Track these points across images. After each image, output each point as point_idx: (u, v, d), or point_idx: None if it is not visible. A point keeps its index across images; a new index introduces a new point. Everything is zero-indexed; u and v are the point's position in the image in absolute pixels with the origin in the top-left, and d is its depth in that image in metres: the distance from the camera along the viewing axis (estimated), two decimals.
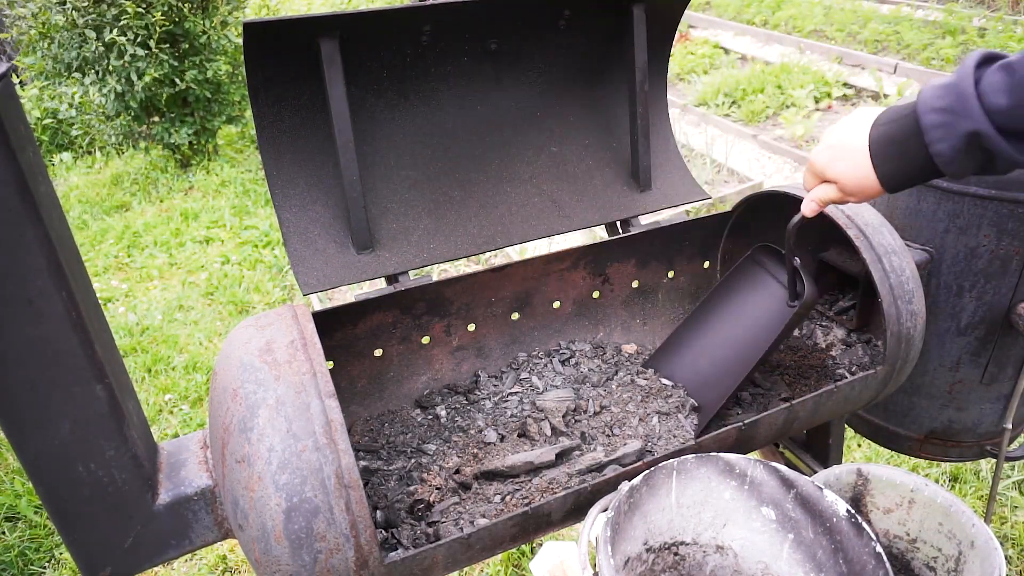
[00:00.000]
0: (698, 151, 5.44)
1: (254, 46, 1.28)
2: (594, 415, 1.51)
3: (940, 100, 0.85)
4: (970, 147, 0.83)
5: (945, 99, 0.84)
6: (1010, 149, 0.80)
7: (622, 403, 1.54)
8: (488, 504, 1.27)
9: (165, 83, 5.09)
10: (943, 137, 0.84)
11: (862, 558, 1.06)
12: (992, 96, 0.79)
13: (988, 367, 1.76)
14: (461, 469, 1.37)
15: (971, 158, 0.84)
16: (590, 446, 1.43)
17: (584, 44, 1.67)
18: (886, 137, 0.94)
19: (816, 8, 8.99)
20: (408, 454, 1.45)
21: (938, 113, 0.85)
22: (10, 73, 0.80)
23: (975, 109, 0.80)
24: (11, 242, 0.79)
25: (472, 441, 1.46)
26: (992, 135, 0.80)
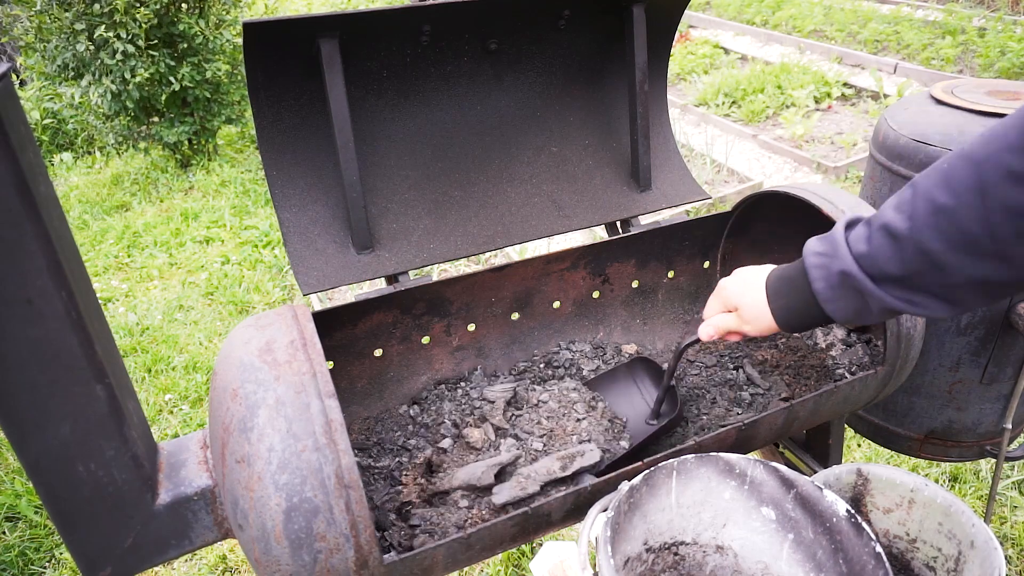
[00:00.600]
0: (698, 151, 5.44)
1: (254, 46, 1.28)
2: (533, 407, 1.52)
3: (819, 245, 0.99)
4: (843, 286, 0.95)
5: (823, 245, 0.98)
6: (875, 289, 0.91)
7: (563, 401, 1.55)
8: (459, 510, 1.29)
9: (161, 83, 5.08)
10: (821, 276, 0.97)
11: (862, 558, 1.06)
12: (855, 244, 0.93)
13: (988, 367, 1.76)
14: (429, 473, 1.39)
15: (846, 297, 0.96)
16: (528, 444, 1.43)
17: (584, 44, 1.67)
18: (780, 276, 1.07)
19: (816, 8, 8.99)
20: (394, 452, 1.46)
21: (817, 256, 0.99)
22: (10, 73, 0.80)
23: (845, 253, 0.94)
24: (11, 242, 0.79)
25: (432, 441, 1.47)
26: (858, 274, 0.92)
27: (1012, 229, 0.78)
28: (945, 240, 0.83)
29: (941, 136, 1.64)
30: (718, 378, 1.69)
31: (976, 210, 0.80)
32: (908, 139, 1.70)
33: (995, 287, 0.85)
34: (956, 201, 0.81)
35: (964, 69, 6.70)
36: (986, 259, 0.82)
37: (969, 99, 1.71)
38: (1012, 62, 6.24)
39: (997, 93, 1.76)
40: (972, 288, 0.86)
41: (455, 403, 1.57)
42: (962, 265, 0.84)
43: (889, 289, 0.91)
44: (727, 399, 1.62)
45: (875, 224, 0.91)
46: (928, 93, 1.83)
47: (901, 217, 0.87)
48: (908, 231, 0.86)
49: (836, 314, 0.98)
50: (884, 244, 0.89)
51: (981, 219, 0.80)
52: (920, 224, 0.85)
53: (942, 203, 0.83)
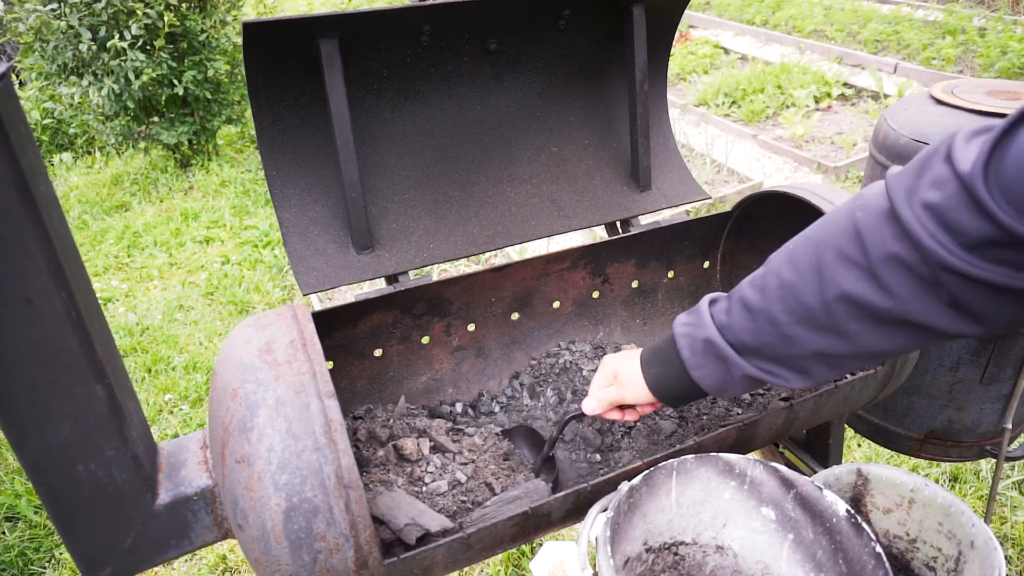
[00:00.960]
0: (698, 151, 5.44)
1: (254, 46, 1.28)
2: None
3: (687, 317, 1.06)
4: (707, 353, 1.01)
5: (690, 316, 1.05)
6: (736, 357, 0.98)
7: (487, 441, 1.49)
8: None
9: (164, 84, 5.08)
10: (687, 344, 1.03)
11: (862, 558, 1.06)
12: (717, 315, 1.01)
13: (988, 367, 1.76)
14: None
15: (710, 364, 1.01)
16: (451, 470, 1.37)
17: (584, 44, 1.67)
18: (654, 347, 1.13)
19: (816, 8, 8.99)
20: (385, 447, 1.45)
21: (684, 326, 1.05)
22: (10, 73, 0.80)
23: (708, 323, 1.01)
24: (11, 242, 0.79)
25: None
26: (720, 342, 0.99)
27: (843, 307, 0.85)
28: (790, 313, 0.90)
29: (941, 136, 1.63)
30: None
31: (813, 287, 0.87)
32: (908, 139, 1.70)
33: (837, 359, 0.92)
34: (798, 278, 0.89)
35: (964, 69, 6.70)
36: (824, 333, 0.89)
37: (969, 99, 1.71)
38: (1012, 62, 6.24)
39: (997, 93, 1.76)
40: (817, 360, 0.93)
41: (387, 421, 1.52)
42: (805, 337, 0.90)
43: (748, 359, 0.97)
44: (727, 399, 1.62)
45: (734, 298, 0.98)
46: (928, 93, 1.83)
47: (754, 291, 0.95)
48: (760, 303, 0.93)
49: (702, 381, 1.03)
50: (741, 315, 0.96)
51: (817, 295, 0.87)
52: (769, 297, 0.92)
53: (787, 279, 0.90)
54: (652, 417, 1.59)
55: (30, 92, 6.33)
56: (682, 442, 1.47)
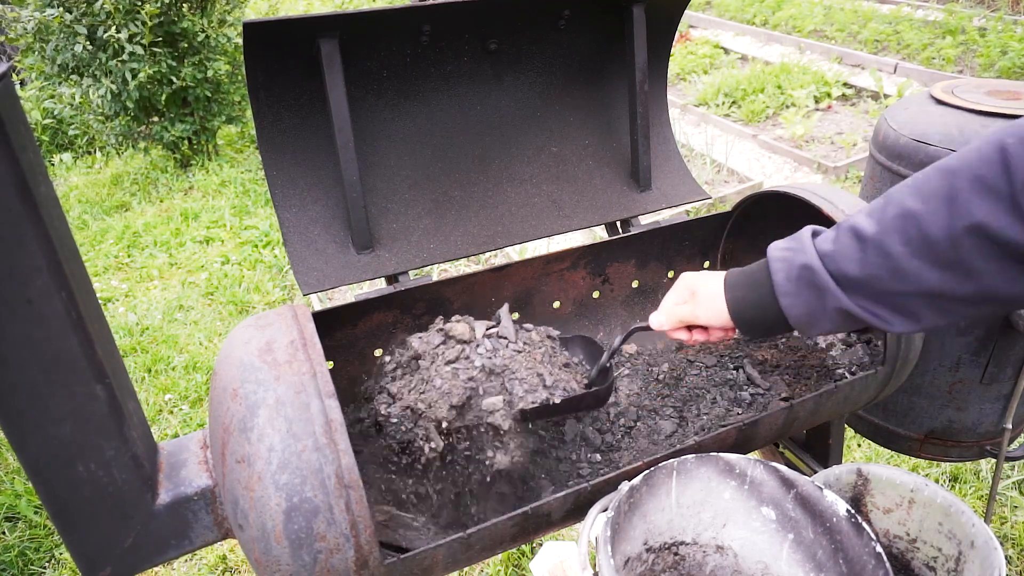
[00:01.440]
0: (698, 151, 5.44)
1: (254, 46, 1.28)
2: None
3: (785, 243, 1.01)
4: (802, 280, 0.96)
5: (789, 243, 1.00)
6: (834, 287, 0.92)
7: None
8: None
9: (163, 82, 5.08)
10: (782, 268, 0.98)
11: (862, 558, 1.06)
12: (821, 243, 0.95)
13: (988, 367, 1.76)
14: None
15: (803, 292, 0.96)
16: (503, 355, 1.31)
17: (584, 44, 1.67)
18: (742, 270, 1.08)
19: (816, 8, 8.99)
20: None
21: (781, 251, 1.00)
22: (10, 73, 0.80)
23: (810, 249, 0.95)
24: (11, 242, 0.79)
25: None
26: (819, 269, 0.93)
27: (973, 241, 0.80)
28: (908, 244, 0.85)
29: (941, 136, 1.64)
30: (718, 378, 1.69)
31: (942, 217, 0.82)
32: (908, 139, 1.70)
33: (949, 302, 0.86)
34: (924, 207, 0.83)
35: (964, 69, 6.70)
36: (944, 269, 0.83)
37: (969, 99, 1.71)
38: (1013, 62, 6.24)
39: (997, 93, 1.76)
40: (926, 301, 0.87)
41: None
42: (921, 272, 0.85)
43: (848, 292, 0.92)
44: (727, 399, 1.62)
45: (843, 227, 0.93)
46: (928, 93, 1.83)
47: (870, 221, 0.89)
48: (874, 233, 0.88)
49: (790, 310, 0.98)
50: (848, 245, 0.91)
51: (945, 227, 0.82)
52: (886, 227, 0.87)
53: (910, 208, 0.85)
54: (652, 417, 1.59)
55: (30, 92, 6.33)
56: (682, 442, 1.47)
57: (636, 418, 1.59)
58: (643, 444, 1.52)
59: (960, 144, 1.60)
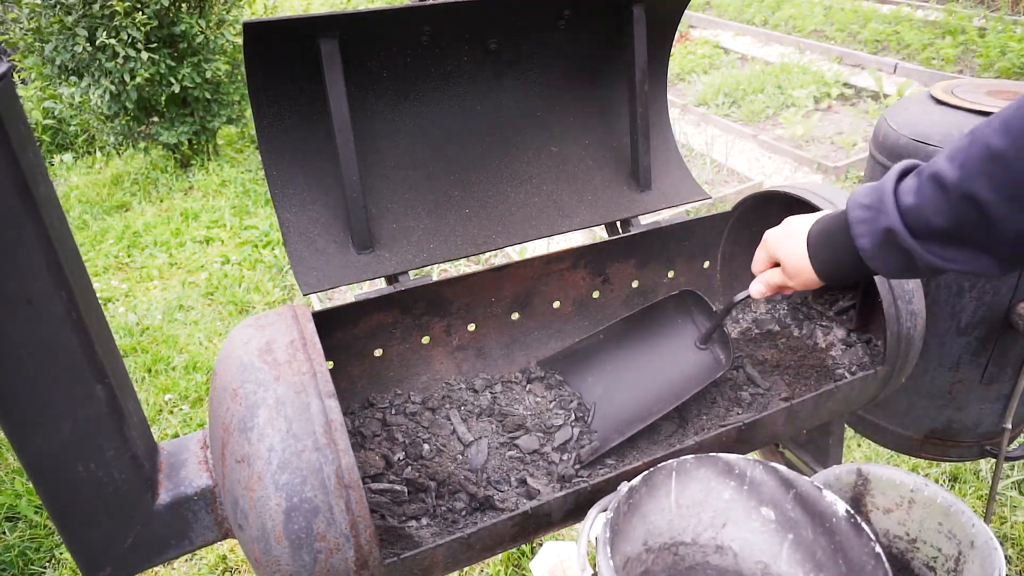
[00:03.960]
0: (698, 151, 5.44)
1: (254, 46, 1.28)
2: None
3: (866, 198, 0.92)
4: (887, 244, 0.89)
5: (870, 197, 0.91)
6: (919, 248, 0.86)
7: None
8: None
9: (161, 83, 5.08)
10: (865, 232, 0.91)
11: (861, 558, 1.06)
12: (904, 196, 0.86)
13: (988, 367, 1.76)
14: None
15: (890, 255, 0.90)
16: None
17: (584, 44, 1.67)
18: (822, 229, 1.02)
19: (816, 8, 8.98)
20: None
21: (863, 209, 0.92)
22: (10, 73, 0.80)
23: (891, 208, 0.87)
24: (11, 242, 0.79)
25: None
26: (903, 232, 0.86)
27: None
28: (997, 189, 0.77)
29: (941, 136, 1.64)
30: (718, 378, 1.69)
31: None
32: (908, 139, 1.70)
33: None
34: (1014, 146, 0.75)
35: (964, 69, 6.70)
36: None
37: (969, 99, 1.71)
38: (1012, 62, 6.24)
39: (997, 93, 1.76)
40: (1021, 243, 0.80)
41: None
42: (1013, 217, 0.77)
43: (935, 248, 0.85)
44: (727, 399, 1.62)
45: (925, 173, 0.84)
46: (928, 93, 1.83)
47: (952, 166, 0.81)
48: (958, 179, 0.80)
49: (881, 269, 0.93)
50: (933, 195, 0.83)
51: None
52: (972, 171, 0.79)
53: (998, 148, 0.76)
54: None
55: (31, 92, 6.33)
56: (682, 442, 1.47)
57: None
58: (643, 444, 1.52)
59: None
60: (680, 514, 1.21)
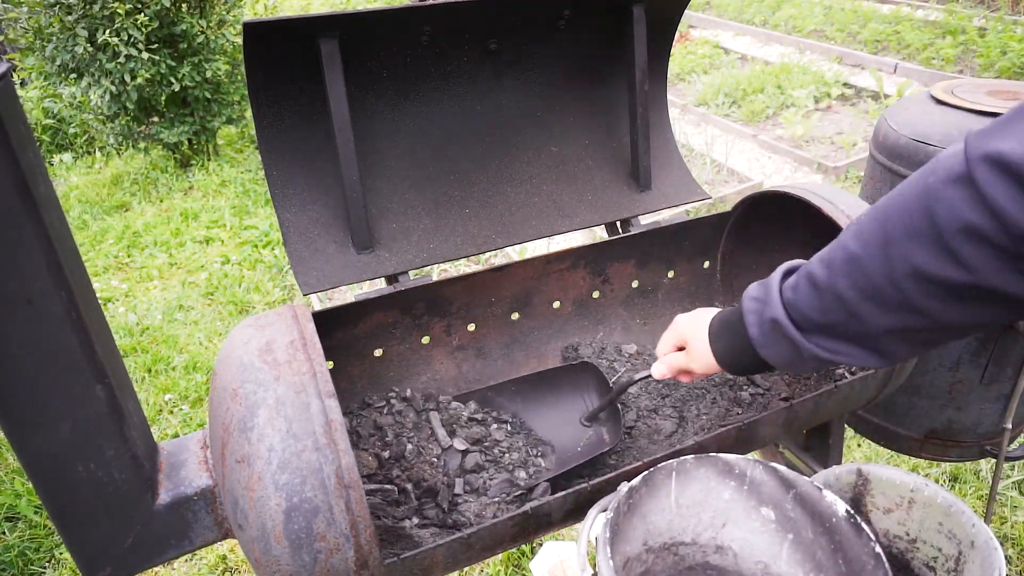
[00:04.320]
0: (698, 151, 5.44)
1: (254, 46, 1.29)
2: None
3: (756, 291, 1.00)
4: (774, 333, 0.96)
5: (759, 290, 0.99)
6: (802, 339, 0.92)
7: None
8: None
9: (161, 83, 5.08)
10: (754, 322, 0.99)
11: (861, 558, 1.06)
12: (787, 291, 0.94)
13: (988, 367, 1.76)
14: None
15: (777, 344, 0.97)
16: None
17: (584, 44, 1.67)
18: (723, 318, 1.10)
19: (816, 8, 8.99)
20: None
21: (752, 301, 1.00)
22: (10, 73, 0.80)
23: (776, 300, 0.95)
24: (11, 242, 0.79)
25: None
26: (786, 323, 0.93)
27: (915, 284, 0.79)
28: (857, 289, 0.84)
29: (941, 136, 1.64)
30: (718, 378, 1.69)
31: (881, 263, 0.81)
32: (908, 139, 1.70)
33: (916, 335, 0.85)
34: (864, 252, 0.83)
35: (964, 69, 6.70)
36: (896, 310, 0.83)
37: (969, 99, 1.71)
38: (1012, 62, 6.24)
39: (997, 93, 1.76)
40: (892, 338, 0.86)
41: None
42: (873, 315, 0.84)
43: (815, 338, 0.92)
44: (727, 399, 1.62)
45: (802, 272, 0.93)
46: (928, 93, 1.83)
47: (821, 266, 0.89)
48: (826, 279, 0.88)
49: (771, 359, 0.99)
50: (807, 292, 0.91)
51: (887, 273, 0.81)
52: (836, 273, 0.87)
53: (853, 253, 0.84)
54: (652, 417, 1.59)
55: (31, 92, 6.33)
56: (682, 442, 1.47)
57: (636, 418, 1.59)
58: (642, 444, 1.52)
59: None
60: (680, 514, 1.21)
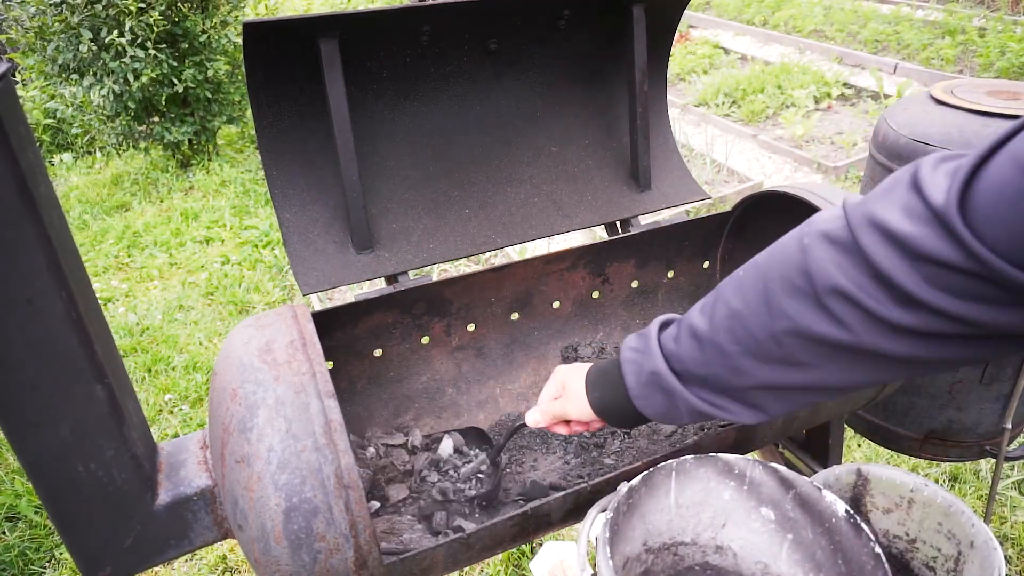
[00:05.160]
0: (698, 151, 5.44)
1: (254, 46, 1.29)
2: None
3: (635, 342, 1.01)
4: (652, 384, 0.96)
5: (638, 342, 1.00)
6: (682, 389, 0.93)
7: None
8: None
9: (164, 83, 5.08)
10: (633, 371, 0.99)
11: (861, 558, 1.06)
12: (666, 343, 0.96)
13: (988, 367, 1.76)
14: None
15: (654, 395, 0.97)
16: None
17: (584, 44, 1.67)
18: (601, 368, 1.09)
19: (816, 8, 8.99)
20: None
21: (632, 351, 1.00)
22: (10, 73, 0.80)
23: (656, 351, 0.96)
24: (11, 242, 0.79)
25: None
26: (666, 373, 0.94)
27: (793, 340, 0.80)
28: (737, 343, 0.85)
29: (941, 136, 1.64)
30: None
31: (761, 317, 0.82)
32: (908, 139, 1.70)
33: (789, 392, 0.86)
34: (745, 307, 0.84)
35: (964, 69, 6.70)
36: (776, 364, 0.83)
37: (969, 99, 1.71)
38: (1012, 62, 6.24)
39: (997, 93, 1.76)
40: (768, 393, 0.87)
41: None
42: (753, 369, 0.85)
43: (695, 390, 0.92)
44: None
45: (684, 324, 0.93)
46: (928, 93, 1.83)
47: (704, 319, 0.90)
48: (708, 332, 0.88)
49: (646, 411, 0.99)
50: (688, 344, 0.91)
51: (766, 327, 0.82)
52: (717, 326, 0.87)
53: (734, 307, 0.85)
54: None
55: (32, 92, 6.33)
56: (682, 442, 1.47)
57: None
58: (642, 444, 1.52)
59: (960, 144, 1.60)
60: (680, 514, 1.21)
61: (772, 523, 1.19)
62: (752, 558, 1.21)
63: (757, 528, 1.20)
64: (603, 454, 1.54)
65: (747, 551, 1.22)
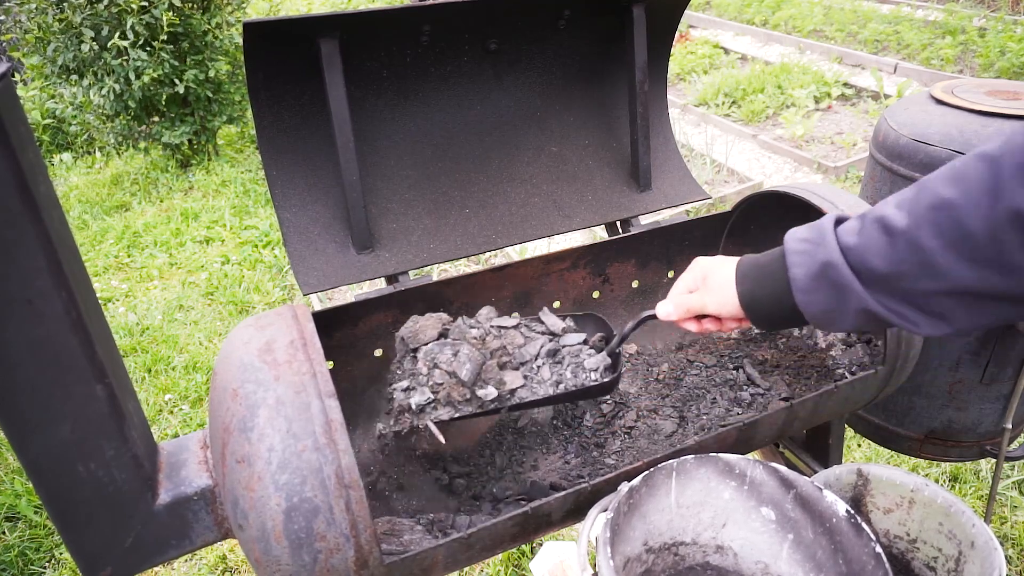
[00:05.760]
0: (698, 151, 5.44)
1: (254, 46, 1.29)
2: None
3: (805, 233, 0.94)
4: (823, 277, 0.89)
5: (809, 232, 0.93)
6: (857, 285, 0.86)
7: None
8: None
9: (165, 83, 5.08)
10: (801, 263, 0.92)
11: (861, 558, 1.06)
12: (844, 236, 0.88)
13: (988, 367, 1.76)
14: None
15: (823, 290, 0.90)
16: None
17: (584, 44, 1.67)
18: (755, 260, 1.01)
19: (816, 8, 8.99)
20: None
21: (801, 243, 0.93)
22: (10, 73, 0.80)
23: (832, 243, 0.88)
24: (11, 242, 0.79)
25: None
26: (842, 266, 0.87)
27: (1016, 235, 0.73)
28: (942, 237, 0.78)
29: (941, 136, 1.64)
30: (718, 378, 1.69)
31: (983, 208, 0.74)
32: (908, 139, 1.70)
33: (984, 301, 0.80)
34: (963, 197, 0.76)
35: (964, 69, 6.70)
36: (982, 265, 0.77)
37: (969, 99, 1.71)
38: (1012, 62, 6.24)
39: (997, 93, 1.76)
40: (956, 299, 0.81)
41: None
42: (953, 268, 0.78)
43: (873, 290, 0.86)
44: (727, 399, 1.62)
45: (869, 218, 0.86)
46: (928, 93, 1.83)
47: (900, 213, 0.82)
48: (905, 226, 0.81)
49: (808, 307, 0.92)
50: (876, 238, 0.84)
51: (986, 218, 0.74)
52: (919, 219, 0.80)
53: (947, 198, 0.77)
54: (652, 417, 1.59)
55: (32, 92, 6.33)
56: (682, 442, 1.47)
57: (636, 418, 1.59)
58: (643, 444, 1.52)
59: (960, 144, 1.60)
60: (680, 514, 1.21)
61: (773, 523, 1.19)
62: (752, 558, 1.21)
63: (758, 528, 1.20)
64: (604, 454, 1.54)
65: (748, 551, 1.22)
